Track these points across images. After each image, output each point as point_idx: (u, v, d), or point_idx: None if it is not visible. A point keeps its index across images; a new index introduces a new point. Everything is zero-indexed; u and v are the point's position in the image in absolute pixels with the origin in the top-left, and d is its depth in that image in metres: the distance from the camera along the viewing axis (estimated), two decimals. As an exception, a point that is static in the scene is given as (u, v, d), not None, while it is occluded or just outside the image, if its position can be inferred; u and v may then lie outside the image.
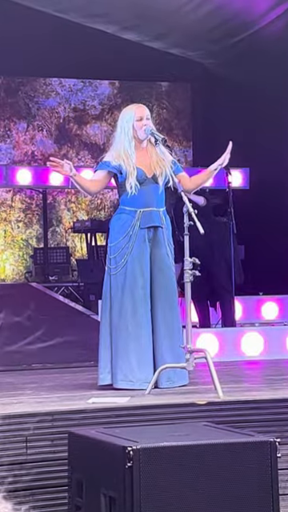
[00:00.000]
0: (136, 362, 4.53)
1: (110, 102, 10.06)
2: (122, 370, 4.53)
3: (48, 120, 9.89)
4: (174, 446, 3.21)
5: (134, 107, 4.73)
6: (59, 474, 3.64)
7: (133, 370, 4.52)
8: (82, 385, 4.74)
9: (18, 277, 9.63)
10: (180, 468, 3.19)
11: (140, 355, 4.55)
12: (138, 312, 4.57)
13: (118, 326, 4.58)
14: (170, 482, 3.16)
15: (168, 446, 3.20)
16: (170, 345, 4.60)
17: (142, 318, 4.57)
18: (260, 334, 5.99)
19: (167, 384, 4.55)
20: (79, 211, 9.96)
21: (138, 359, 4.54)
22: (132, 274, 4.58)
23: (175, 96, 10.26)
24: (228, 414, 3.97)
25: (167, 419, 3.86)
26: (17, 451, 3.67)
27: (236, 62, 8.85)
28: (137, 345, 4.55)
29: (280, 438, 3.35)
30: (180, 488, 3.17)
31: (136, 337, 4.55)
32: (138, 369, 4.52)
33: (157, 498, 3.14)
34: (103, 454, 3.29)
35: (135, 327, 4.56)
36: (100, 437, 3.37)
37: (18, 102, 9.80)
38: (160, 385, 4.54)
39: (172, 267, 4.70)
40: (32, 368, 5.53)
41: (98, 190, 4.77)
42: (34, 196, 9.76)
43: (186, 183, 4.71)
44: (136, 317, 4.57)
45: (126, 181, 4.60)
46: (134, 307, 4.57)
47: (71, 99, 9.96)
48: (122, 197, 4.71)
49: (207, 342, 5.76)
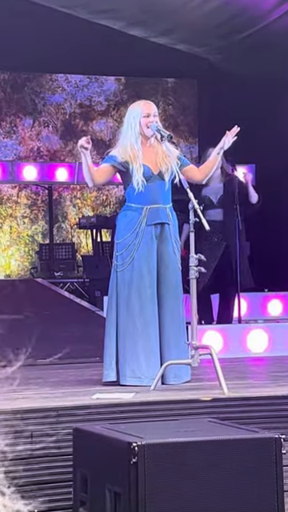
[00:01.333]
0: (144, 358, 4.54)
1: (116, 98, 10.05)
2: (130, 366, 4.53)
3: (54, 116, 9.89)
4: (179, 442, 3.21)
5: (141, 103, 4.73)
6: (64, 470, 3.64)
7: (141, 366, 4.52)
8: (86, 381, 4.75)
9: (24, 272, 9.64)
10: (184, 464, 3.19)
11: (148, 352, 4.55)
12: (145, 309, 4.57)
13: (125, 323, 4.58)
14: (175, 477, 3.17)
15: (173, 442, 3.20)
16: (176, 341, 4.61)
17: (149, 315, 4.58)
18: (265, 331, 5.99)
19: (174, 380, 4.55)
20: (85, 207, 9.97)
21: (146, 356, 4.54)
22: (139, 271, 4.58)
23: (181, 92, 10.25)
24: (233, 411, 3.97)
25: (172, 415, 3.87)
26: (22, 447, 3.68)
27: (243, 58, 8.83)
28: (145, 342, 4.55)
29: (285, 434, 3.35)
30: (184, 484, 3.17)
31: (144, 334, 4.56)
32: (146, 366, 4.52)
33: (162, 494, 3.14)
34: (108, 450, 3.30)
35: (143, 324, 4.56)
36: (105, 432, 3.37)
37: (24, 98, 9.80)
38: (167, 381, 4.54)
39: (178, 264, 4.70)
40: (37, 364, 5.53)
41: (101, 181, 4.76)
42: (39, 192, 9.77)
43: (195, 175, 4.73)
44: (143, 314, 4.57)
45: (132, 177, 4.60)
46: (142, 304, 4.57)
47: (77, 95, 9.96)
48: (128, 193, 4.71)
49: (212, 339, 5.76)
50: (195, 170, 4.78)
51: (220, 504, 3.19)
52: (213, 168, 4.82)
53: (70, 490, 3.58)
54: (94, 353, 5.34)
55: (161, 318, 4.63)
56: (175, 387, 4.47)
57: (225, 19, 8.19)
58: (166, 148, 4.62)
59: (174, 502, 3.15)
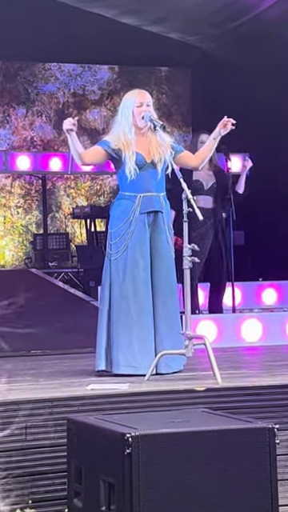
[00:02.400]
0: (138, 347, 4.53)
1: (110, 87, 10.01)
2: (124, 355, 4.52)
3: (47, 105, 9.85)
4: (173, 432, 3.22)
5: (135, 93, 4.72)
6: (58, 461, 3.65)
7: (135, 354, 4.52)
8: (81, 371, 4.75)
9: (18, 263, 9.63)
10: (179, 454, 3.19)
11: (142, 340, 4.55)
12: (139, 295, 4.56)
13: (119, 311, 4.57)
14: (169, 468, 3.17)
15: (167, 432, 3.21)
16: (169, 330, 4.60)
17: (143, 301, 4.57)
18: (259, 320, 5.99)
19: (165, 369, 4.55)
20: (79, 197, 9.94)
21: (140, 344, 4.54)
22: (133, 258, 4.58)
23: (175, 81, 10.21)
24: (227, 401, 3.98)
25: (166, 406, 3.87)
26: (16, 437, 3.68)
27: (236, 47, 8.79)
28: (139, 330, 4.55)
29: (279, 424, 3.36)
30: (179, 474, 3.18)
31: (138, 321, 4.55)
32: (140, 354, 4.52)
33: (156, 485, 3.15)
34: (102, 441, 3.30)
35: (137, 312, 4.56)
36: (99, 423, 3.37)
37: (17, 87, 9.75)
38: (158, 370, 4.54)
39: (171, 252, 4.69)
40: (31, 354, 5.53)
41: (89, 161, 4.75)
42: (33, 182, 9.74)
43: (191, 160, 4.74)
44: (137, 300, 4.56)
45: (125, 165, 4.59)
46: (136, 290, 4.56)
47: (70, 84, 9.92)
48: (121, 182, 4.70)
49: (206, 328, 5.76)
50: (190, 156, 4.77)
51: (214, 494, 3.20)
52: (209, 153, 4.82)
53: (64, 480, 3.58)
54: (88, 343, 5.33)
55: (154, 307, 4.62)
56: (169, 377, 4.47)
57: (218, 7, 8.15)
58: (159, 137, 4.60)
59: (168, 493, 3.16)
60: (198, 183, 6.29)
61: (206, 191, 6.30)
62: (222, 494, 3.21)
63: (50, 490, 3.66)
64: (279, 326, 6.00)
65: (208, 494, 3.19)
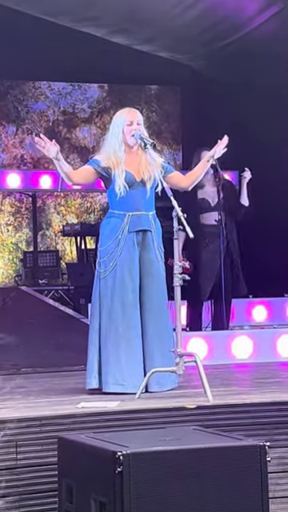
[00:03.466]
0: (126, 365, 4.53)
1: (100, 106, 10.05)
2: (112, 373, 4.52)
3: (37, 123, 9.88)
4: (164, 450, 3.21)
5: (125, 111, 4.74)
6: (49, 480, 3.63)
7: (123, 373, 4.51)
8: (71, 389, 4.73)
9: (8, 280, 9.61)
10: (170, 472, 3.18)
11: (130, 358, 4.54)
12: (127, 315, 4.57)
13: (107, 329, 4.58)
14: (160, 486, 3.16)
15: (158, 450, 3.20)
16: (160, 348, 4.60)
17: (131, 321, 4.57)
18: (250, 337, 6.00)
19: (157, 387, 4.54)
20: (69, 214, 9.95)
21: (129, 362, 4.53)
22: (121, 277, 4.58)
23: (164, 99, 10.26)
24: (218, 418, 3.98)
25: (157, 423, 3.86)
26: (6, 456, 3.66)
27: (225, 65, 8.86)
28: (127, 348, 4.55)
29: (270, 441, 3.35)
30: (170, 492, 3.17)
31: (126, 340, 4.55)
32: (128, 372, 4.52)
33: (147, 503, 3.14)
34: (93, 459, 3.29)
35: (125, 330, 4.56)
36: (90, 442, 3.36)
37: (7, 106, 9.78)
38: (150, 388, 4.53)
39: (162, 271, 4.70)
40: (21, 372, 5.51)
41: (80, 181, 4.74)
42: (23, 199, 9.75)
43: (181, 181, 4.75)
44: (126, 320, 4.57)
45: (114, 183, 4.60)
46: (124, 310, 4.57)
47: (60, 102, 9.95)
48: (111, 200, 4.71)
49: (197, 346, 5.76)
50: (180, 176, 4.79)
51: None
52: (200, 175, 4.83)
53: (55, 499, 3.56)
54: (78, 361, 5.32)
55: (144, 326, 4.62)
56: (160, 395, 4.46)
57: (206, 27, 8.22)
58: (149, 156, 4.62)
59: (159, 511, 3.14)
60: (204, 201, 6.32)
61: (213, 208, 6.31)
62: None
63: (41, 509, 3.64)
64: (270, 343, 6.00)
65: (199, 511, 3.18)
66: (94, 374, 4.56)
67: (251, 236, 8.20)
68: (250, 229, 8.11)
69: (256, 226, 8.31)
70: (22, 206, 9.79)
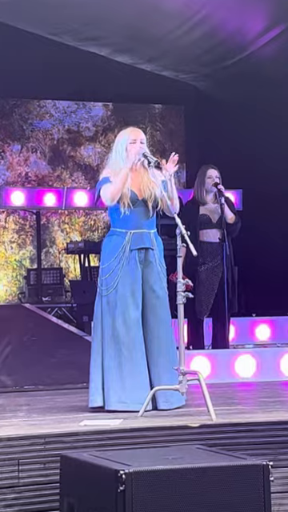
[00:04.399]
0: (130, 383, 4.52)
1: (104, 124, 10.11)
2: (115, 391, 4.51)
3: (42, 141, 9.93)
4: (167, 469, 3.19)
5: (128, 130, 4.77)
6: (51, 498, 3.61)
7: (126, 391, 4.51)
8: (74, 407, 4.72)
9: (11, 298, 9.61)
10: (173, 491, 3.17)
11: (133, 376, 4.54)
12: (130, 334, 4.57)
13: (110, 347, 4.57)
14: (163, 505, 3.14)
15: (161, 469, 3.18)
16: (166, 365, 4.59)
17: (134, 339, 4.57)
18: (253, 356, 5.99)
19: (165, 405, 4.53)
20: (73, 232, 9.97)
21: (132, 380, 4.53)
22: (123, 295, 4.59)
23: (169, 118, 10.32)
24: (221, 437, 3.96)
25: (160, 442, 3.85)
26: (8, 474, 3.65)
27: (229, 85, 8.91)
28: (130, 366, 4.54)
29: (273, 461, 3.34)
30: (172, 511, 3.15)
31: (129, 358, 4.55)
32: (131, 390, 4.51)
33: (149, 522, 3.12)
34: (95, 478, 3.27)
35: (128, 348, 4.55)
36: (92, 460, 3.35)
37: (12, 124, 9.83)
38: (158, 406, 4.52)
39: (165, 288, 4.70)
40: (24, 390, 5.50)
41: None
42: (27, 217, 9.77)
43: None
44: (128, 338, 4.56)
45: (119, 201, 4.61)
46: (126, 328, 4.57)
47: (65, 121, 10.01)
48: (112, 218, 4.73)
49: (200, 364, 5.75)
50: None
51: (208, 532, 3.17)
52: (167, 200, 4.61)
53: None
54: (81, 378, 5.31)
55: (149, 343, 4.62)
56: (163, 413, 4.45)
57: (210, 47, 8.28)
58: (151, 174, 4.64)
59: (161, 531, 3.12)
60: (205, 217, 6.31)
61: (213, 225, 6.30)
62: (217, 532, 3.18)
63: (43, 528, 3.62)
64: (273, 362, 5.99)
65: (202, 531, 3.16)
66: (99, 392, 4.56)
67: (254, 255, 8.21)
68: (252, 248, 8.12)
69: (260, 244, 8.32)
70: (26, 224, 9.81)
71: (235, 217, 6.33)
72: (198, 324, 6.35)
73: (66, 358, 6.30)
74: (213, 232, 6.30)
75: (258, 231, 8.21)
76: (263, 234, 8.33)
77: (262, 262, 8.27)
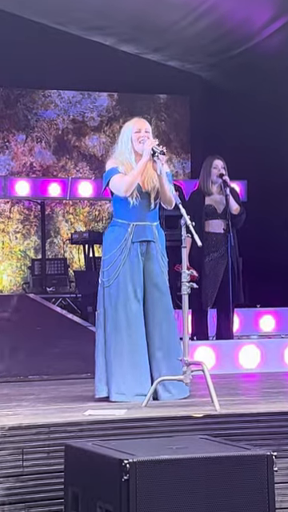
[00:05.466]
0: (130, 375, 4.53)
1: (109, 114, 10.09)
2: (116, 382, 4.52)
3: (47, 131, 9.92)
4: (171, 459, 3.20)
5: (133, 121, 4.75)
6: (55, 487, 3.63)
7: (126, 382, 4.52)
8: (78, 397, 4.73)
9: (16, 288, 9.63)
10: (176, 481, 3.18)
11: (134, 368, 4.54)
12: (131, 325, 4.57)
13: (112, 339, 4.58)
14: (167, 495, 3.15)
15: (165, 459, 3.19)
16: (166, 357, 4.60)
17: (136, 331, 4.57)
18: (257, 347, 5.99)
19: (167, 396, 4.54)
20: (77, 222, 9.97)
21: (133, 372, 4.53)
22: (124, 287, 4.59)
23: (174, 108, 10.29)
24: (225, 427, 3.97)
25: (164, 432, 3.86)
26: (13, 463, 3.66)
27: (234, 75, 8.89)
28: (131, 358, 4.55)
29: (277, 451, 3.34)
30: (176, 501, 3.16)
31: (130, 350, 4.55)
32: (131, 382, 4.52)
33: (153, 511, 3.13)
34: (100, 467, 3.28)
35: (129, 340, 4.56)
36: (96, 449, 3.36)
37: (17, 114, 9.82)
38: (159, 397, 4.53)
39: (166, 281, 4.70)
40: (29, 380, 5.51)
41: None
42: (32, 207, 9.77)
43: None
44: (130, 330, 4.57)
45: None
46: (128, 320, 4.57)
47: (70, 111, 9.99)
48: (115, 209, 4.72)
49: (204, 355, 5.75)
50: None
51: (212, 521, 3.18)
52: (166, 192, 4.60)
53: (60, 507, 3.56)
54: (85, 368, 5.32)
55: (149, 335, 4.62)
56: (167, 404, 4.46)
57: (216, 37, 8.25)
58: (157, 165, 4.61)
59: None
60: (210, 208, 6.30)
61: (219, 215, 6.29)
62: (220, 522, 3.19)
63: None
64: (277, 353, 5.99)
65: (206, 521, 3.17)
66: (104, 382, 4.57)
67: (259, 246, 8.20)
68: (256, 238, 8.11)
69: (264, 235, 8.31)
70: (31, 214, 9.81)
71: (240, 208, 6.32)
72: (202, 315, 6.35)
73: (70, 348, 6.31)
74: (218, 223, 6.29)
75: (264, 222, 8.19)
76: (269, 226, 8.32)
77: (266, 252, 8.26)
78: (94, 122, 10.06)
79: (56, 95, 9.96)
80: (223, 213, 6.28)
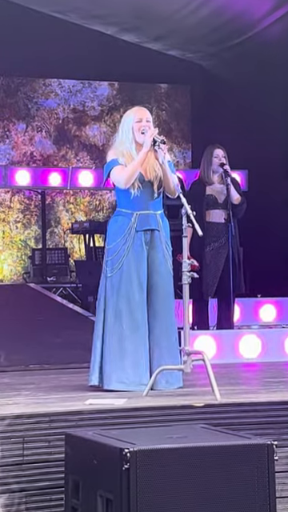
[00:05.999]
0: (131, 363, 4.53)
1: (110, 104, 10.06)
2: (115, 371, 4.52)
3: (47, 121, 9.89)
4: (171, 448, 3.21)
5: (134, 110, 4.73)
6: (56, 476, 3.63)
7: (126, 371, 4.52)
8: (79, 386, 4.74)
9: (16, 277, 9.63)
10: (177, 470, 3.18)
11: (135, 357, 4.54)
12: (133, 314, 4.57)
13: (112, 328, 4.58)
14: (167, 484, 3.16)
15: (165, 448, 3.20)
16: (168, 347, 4.60)
17: (137, 320, 4.57)
18: (258, 337, 5.99)
19: (166, 386, 4.54)
20: (78, 212, 9.96)
21: (133, 361, 4.54)
22: (128, 276, 4.58)
23: (174, 98, 10.26)
24: (225, 417, 3.97)
25: (164, 421, 3.86)
26: (13, 452, 3.67)
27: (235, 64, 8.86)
28: (132, 347, 4.55)
29: (277, 440, 3.35)
30: (177, 490, 3.17)
31: (131, 339, 4.55)
32: (132, 371, 4.52)
33: (154, 500, 3.14)
34: (100, 456, 3.29)
35: (130, 329, 4.56)
36: (97, 438, 3.36)
37: (18, 103, 9.79)
38: (157, 386, 4.53)
39: (170, 270, 4.69)
40: (29, 369, 5.52)
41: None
42: (32, 197, 9.76)
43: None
44: (132, 319, 4.56)
45: None
46: (130, 310, 4.57)
47: (70, 100, 9.96)
48: (119, 199, 4.71)
49: (205, 344, 5.76)
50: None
51: (212, 510, 3.19)
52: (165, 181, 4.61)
53: (61, 496, 3.57)
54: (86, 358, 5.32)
55: (152, 324, 4.62)
56: (167, 393, 4.46)
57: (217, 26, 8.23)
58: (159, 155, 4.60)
59: (166, 509, 3.14)
60: (211, 198, 6.28)
61: (220, 205, 6.28)
62: (221, 510, 3.19)
63: (47, 505, 3.64)
64: (277, 343, 5.99)
65: (206, 509, 3.18)
66: (95, 371, 4.57)
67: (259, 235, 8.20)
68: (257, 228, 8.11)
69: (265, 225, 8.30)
70: (31, 204, 9.80)
71: (241, 198, 6.30)
72: (202, 304, 6.35)
73: (70, 337, 6.32)
74: (219, 213, 6.28)
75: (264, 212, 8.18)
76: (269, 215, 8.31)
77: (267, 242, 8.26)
78: (94, 111, 10.04)
79: (56, 84, 9.93)
80: (224, 203, 6.27)
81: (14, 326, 6.61)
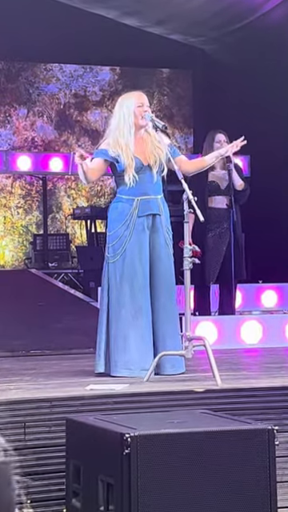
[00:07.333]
0: (135, 349, 4.53)
1: (111, 88, 10.01)
2: (121, 357, 4.53)
3: (48, 106, 9.85)
4: (172, 433, 3.21)
5: (134, 94, 4.70)
6: (57, 460, 3.64)
7: (132, 357, 4.52)
8: (80, 371, 4.74)
9: (18, 263, 9.63)
10: (177, 455, 3.19)
11: (139, 343, 4.54)
12: (137, 300, 4.56)
13: (116, 314, 4.58)
14: (168, 468, 3.17)
15: (166, 433, 3.20)
16: (171, 331, 4.60)
17: (141, 305, 4.57)
18: (259, 322, 5.99)
19: (172, 370, 4.54)
20: (79, 198, 9.94)
21: (138, 347, 4.54)
22: (131, 261, 4.57)
23: (176, 82, 10.21)
24: (226, 402, 3.97)
25: (165, 406, 3.86)
26: (15, 437, 3.67)
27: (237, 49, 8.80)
28: (136, 332, 4.55)
29: (278, 425, 3.35)
30: (177, 475, 3.18)
31: (135, 325, 4.55)
32: (137, 356, 4.52)
33: (154, 485, 3.14)
34: (101, 441, 3.30)
35: (134, 315, 4.56)
36: (98, 423, 3.37)
37: (19, 88, 9.75)
38: (164, 371, 4.53)
39: (171, 255, 4.68)
40: (30, 354, 5.53)
41: (96, 178, 4.74)
42: (33, 182, 9.74)
43: (185, 166, 4.69)
44: (134, 304, 4.56)
45: (124, 172, 4.57)
46: (133, 295, 4.56)
47: (72, 85, 9.92)
48: (118, 185, 4.69)
49: (206, 330, 5.76)
50: (184, 161, 4.72)
51: (212, 495, 3.19)
52: (203, 168, 4.81)
53: (62, 480, 3.58)
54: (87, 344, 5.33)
55: (154, 309, 4.62)
56: (168, 378, 4.46)
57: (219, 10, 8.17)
58: (158, 138, 4.58)
59: (166, 493, 3.15)
60: (213, 184, 6.27)
61: (222, 191, 6.26)
62: (221, 496, 3.20)
63: (49, 489, 3.65)
64: (279, 329, 6.00)
65: (206, 494, 3.19)
66: (101, 358, 4.57)
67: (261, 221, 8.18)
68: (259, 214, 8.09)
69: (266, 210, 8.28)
70: (33, 189, 9.78)
71: (244, 184, 6.28)
72: (204, 290, 6.34)
73: (72, 323, 6.32)
74: (221, 199, 6.26)
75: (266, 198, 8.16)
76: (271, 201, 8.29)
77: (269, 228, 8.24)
78: (95, 96, 9.99)
79: (58, 69, 9.88)
80: (226, 189, 6.25)
81: (15, 312, 6.61)
